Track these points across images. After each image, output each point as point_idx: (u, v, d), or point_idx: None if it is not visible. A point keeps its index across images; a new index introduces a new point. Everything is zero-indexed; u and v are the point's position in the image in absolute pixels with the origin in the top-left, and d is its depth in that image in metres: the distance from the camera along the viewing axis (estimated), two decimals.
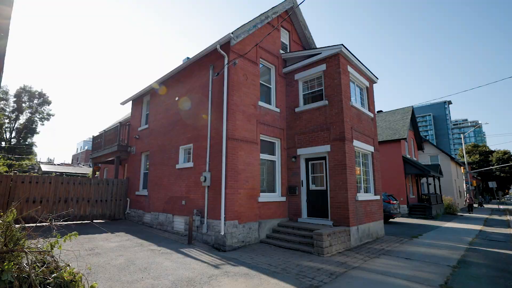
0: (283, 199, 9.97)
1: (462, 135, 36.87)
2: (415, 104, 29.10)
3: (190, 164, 9.73)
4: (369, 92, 11.42)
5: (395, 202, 15.95)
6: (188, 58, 15.82)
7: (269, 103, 10.41)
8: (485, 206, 40.55)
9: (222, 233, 7.82)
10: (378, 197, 10.64)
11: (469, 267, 6.37)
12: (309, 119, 9.95)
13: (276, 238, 8.68)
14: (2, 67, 5.69)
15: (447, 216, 21.09)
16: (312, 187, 9.79)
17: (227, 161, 8.26)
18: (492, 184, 32.86)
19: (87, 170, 38.50)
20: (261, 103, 9.71)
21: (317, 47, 12.50)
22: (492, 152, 68.85)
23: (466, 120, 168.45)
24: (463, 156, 68.95)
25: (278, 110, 10.41)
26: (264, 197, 9.27)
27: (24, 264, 3.04)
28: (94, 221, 11.96)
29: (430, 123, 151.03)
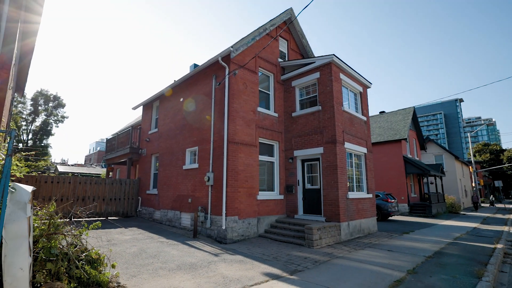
0: (281, 197, 10.79)
1: (469, 134, 36.81)
2: (428, 103, 29.29)
3: (196, 165, 10.66)
4: (363, 96, 12.12)
5: (393, 200, 16.55)
6: (195, 64, 16.85)
7: (268, 108, 11.25)
8: (497, 205, 40.19)
9: (224, 227, 8.71)
10: (370, 195, 11.35)
11: (441, 257, 7.08)
12: (305, 123, 10.75)
13: (273, 233, 9.52)
14: (29, 62, 6.67)
15: (448, 215, 21.47)
16: (308, 186, 10.59)
17: (228, 162, 9.14)
18: (498, 183, 32.78)
19: (100, 170, 40.09)
20: (260, 109, 10.55)
21: (315, 56, 13.28)
22: (503, 150, 67.84)
23: (480, 118, 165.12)
24: (473, 155, 68.32)
25: (276, 115, 11.24)
26: (263, 195, 10.12)
27: (64, 244, 3.99)
28: (108, 218, 13.04)
29: (441, 122, 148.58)
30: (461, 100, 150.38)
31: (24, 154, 4.43)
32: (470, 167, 37.19)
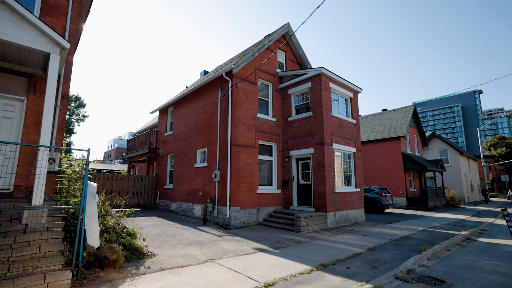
0: (279, 191, 12.47)
1: (478, 128, 37.14)
2: (443, 95, 29.97)
3: (205, 164, 12.48)
4: (353, 101, 13.53)
5: (387, 194, 17.89)
6: (205, 71, 18.61)
7: (267, 114, 12.87)
8: None
9: (228, 216, 10.50)
10: (358, 190, 12.84)
11: (404, 240, 8.59)
12: (299, 127, 12.33)
13: (270, 221, 11.24)
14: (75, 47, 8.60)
15: (446, 208, 22.50)
16: (302, 181, 12.21)
17: (231, 161, 10.88)
18: (504, 178, 33.19)
19: (119, 166, 42.90)
20: (259, 115, 12.20)
21: (311, 64, 14.74)
22: None
23: (502, 109, 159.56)
24: (488, 149, 67.35)
25: (274, 119, 12.86)
26: (262, 189, 11.83)
27: (112, 222, 5.85)
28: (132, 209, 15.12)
29: (458, 114, 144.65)
30: (480, 92, 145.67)
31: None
32: (480, 161, 37.53)
